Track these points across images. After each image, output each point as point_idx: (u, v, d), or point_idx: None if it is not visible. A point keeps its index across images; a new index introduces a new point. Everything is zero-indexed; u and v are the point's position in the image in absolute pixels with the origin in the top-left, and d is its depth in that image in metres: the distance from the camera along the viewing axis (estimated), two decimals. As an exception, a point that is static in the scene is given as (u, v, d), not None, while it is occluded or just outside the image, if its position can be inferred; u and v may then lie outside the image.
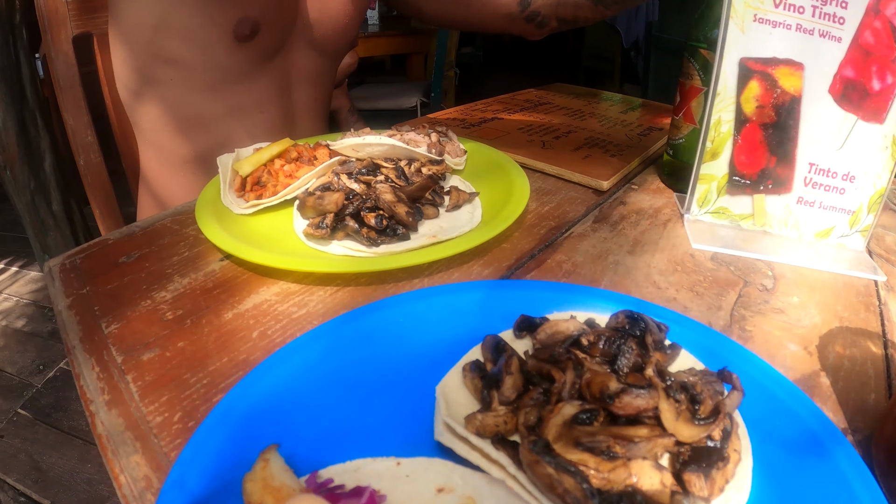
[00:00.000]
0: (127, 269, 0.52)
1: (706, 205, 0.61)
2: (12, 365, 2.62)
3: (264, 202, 0.57)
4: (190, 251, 0.54)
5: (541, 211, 0.61)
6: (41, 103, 2.48)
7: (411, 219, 0.50)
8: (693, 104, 0.66)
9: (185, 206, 0.63)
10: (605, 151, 0.78)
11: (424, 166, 0.58)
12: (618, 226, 0.60)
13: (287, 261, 0.46)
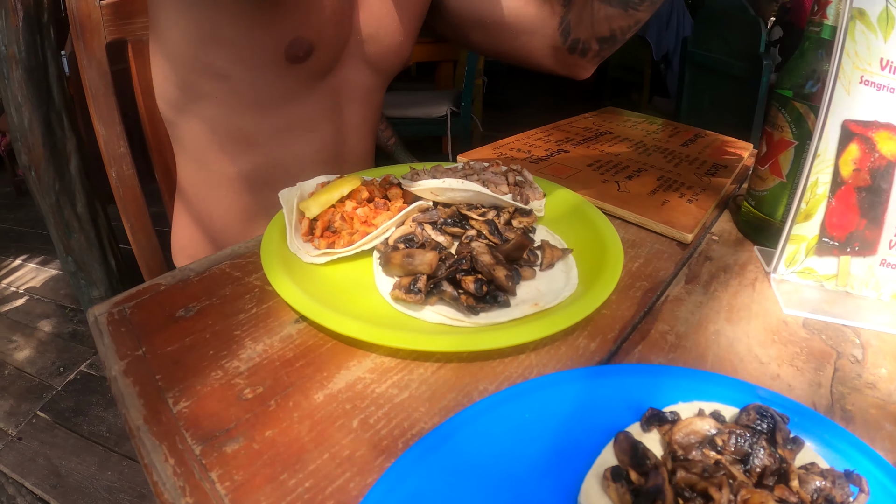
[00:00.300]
0: (187, 326, 0.47)
1: (793, 265, 0.58)
2: (32, 365, 2.62)
3: (339, 252, 0.53)
4: (258, 307, 0.49)
5: (631, 268, 0.58)
6: (67, 104, 2.47)
7: (511, 283, 0.46)
8: (781, 157, 0.62)
9: (244, 248, 0.59)
10: (680, 196, 0.74)
11: (514, 218, 0.54)
12: (709, 287, 0.56)
13: (381, 335, 0.42)
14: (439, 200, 0.57)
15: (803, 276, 0.58)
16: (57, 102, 2.40)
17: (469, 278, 0.45)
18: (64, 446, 2.12)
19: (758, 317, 0.52)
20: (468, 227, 0.53)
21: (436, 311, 0.46)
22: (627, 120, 1.15)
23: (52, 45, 2.37)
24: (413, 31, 0.91)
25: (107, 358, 0.45)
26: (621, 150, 0.93)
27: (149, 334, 0.47)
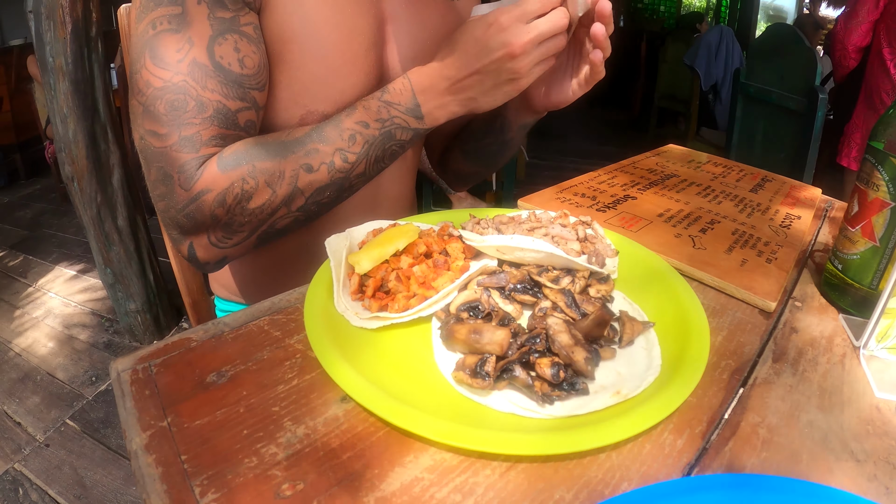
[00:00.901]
0: (219, 395, 0.43)
1: (884, 340, 0.53)
2: (64, 372, 2.63)
3: (393, 318, 0.48)
4: (300, 378, 0.45)
5: (714, 342, 0.52)
6: (113, 117, 2.51)
7: (591, 367, 0.41)
8: (874, 219, 0.57)
9: (285, 303, 0.55)
10: (758, 254, 0.69)
11: (591, 285, 0.49)
12: (798, 366, 0.51)
13: (442, 430, 0.37)
14: (506, 259, 0.52)
15: (893, 351, 0.53)
16: (102, 115, 2.43)
17: (545, 361, 0.40)
18: (91, 457, 2.12)
19: (850, 402, 0.47)
20: (541, 297, 0.48)
21: (505, 398, 0.40)
22: (692, 160, 1.10)
23: (99, 58, 2.41)
24: None
25: (128, 426, 0.41)
26: (690, 196, 0.87)
27: (176, 402, 0.42)
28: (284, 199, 0.69)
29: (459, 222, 0.62)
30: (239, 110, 0.70)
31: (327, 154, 0.70)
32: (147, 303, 2.70)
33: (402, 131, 0.74)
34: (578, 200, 0.83)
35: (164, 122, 0.66)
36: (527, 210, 0.64)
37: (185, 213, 0.68)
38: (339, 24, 0.79)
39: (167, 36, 0.67)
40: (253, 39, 0.72)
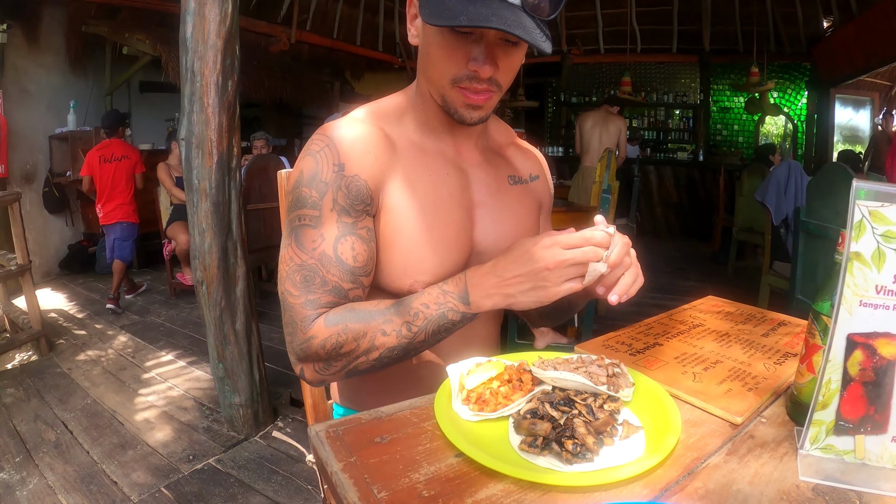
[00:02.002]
0: (383, 448, 0.74)
1: (817, 442, 0.75)
2: (164, 448, 2.90)
3: (487, 415, 0.79)
4: (430, 444, 0.76)
5: (687, 442, 0.79)
6: (243, 236, 2.90)
7: (597, 447, 0.71)
8: (814, 357, 0.82)
9: (420, 402, 0.87)
10: (743, 385, 0.95)
11: (607, 403, 0.79)
12: (744, 458, 0.76)
13: (512, 470, 0.68)
14: (557, 385, 0.83)
15: (826, 451, 0.75)
16: (234, 234, 2.85)
17: (569, 442, 0.70)
18: (180, 525, 2.37)
19: (776, 482, 0.72)
20: (573, 408, 0.77)
21: (546, 460, 0.71)
22: (721, 310, 1.36)
23: (236, 185, 2.84)
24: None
25: (328, 459, 0.72)
26: (706, 342, 1.15)
27: (357, 449, 0.74)
28: (365, 351, 0.94)
29: (531, 361, 0.91)
30: (350, 289, 0.99)
31: (398, 324, 0.93)
32: (250, 399, 2.95)
33: (453, 313, 0.93)
34: (618, 346, 1.12)
35: (298, 288, 0.97)
36: (577, 354, 0.95)
37: (300, 348, 0.97)
38: (437, 216, 1.07)
39: (307, 229, 0.99)
40: (365, 240, 1.01)
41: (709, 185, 8.91)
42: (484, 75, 0.96)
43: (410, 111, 1.12)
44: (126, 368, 3.91)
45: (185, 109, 2.71)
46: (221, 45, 2.66)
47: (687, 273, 6.58)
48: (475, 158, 1.17)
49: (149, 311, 5.29)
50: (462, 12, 0.86)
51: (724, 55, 9.45)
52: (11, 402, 3.45)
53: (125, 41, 6.64)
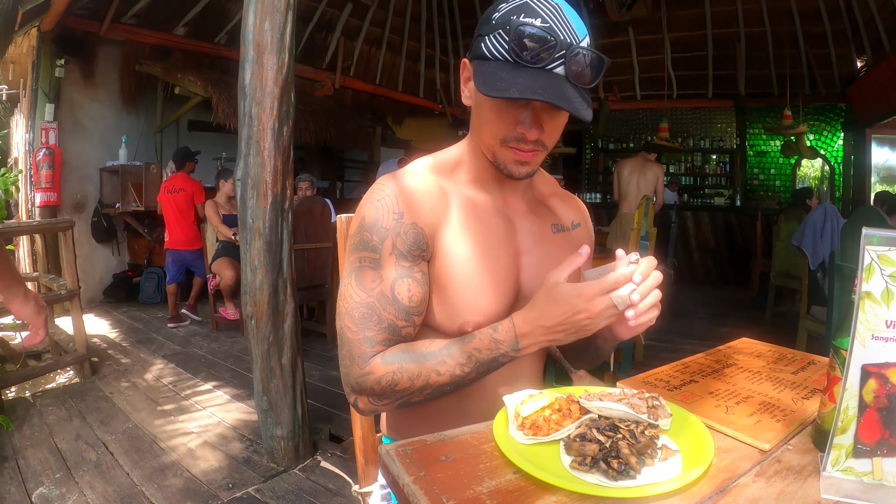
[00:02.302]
0: (448, 465, 0.84)
1: (837, 465, 0.83)
2: (205, 475, 2.98)
3: (541, 439, 0.89)
4: (490, 462, 0.85)
5: (720, 465, 0.88)
6: (293, 276, 3.02)
7: (639, 466, 0.80)
8: (835, 388, 0.90)
9: (480, 428, 0.97)
10: (772, 416, 1.04)
11: (647, 429, 0.88)
12: (771, 479, 0.85)
13: (564, 483, 0.77)
14: (602, 414, 0.92)
15: (846, 473, 0.82)
16: (284, 272, 2.99)
17: (615, 461, 0.80)
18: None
19: (801, 499, 0.79)
20: (618, 433, 0.86)
21: (594, 477, 0.80)
22: (753, 351, 1.45)
23: (288, 226, 2.99)
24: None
25: (400, 474, 0.82)
26: (738, 380, 1.23)
27: (424, 466, 0.83)
28: (419, 389, 1.05)
29: (578, 394, 1.01)
30: (403, 327, 1.09)
31: (451, 366, 1.04)
32: (292, 432, 3.02)
33: (503, 357, 1.04)
34: (656, 383, 1.22)
35: (357, 324, 1.07)
36: (620, 388, 1.04)
37: (356, 381, 1.07)
38: (486, 262, 1.16)
39: (367, 270, 1.09)
40: (420, 283, 1.11)
41: (746, 230, 8.90)
42: (531, 138, 1.07)
43: (463, 165, 1.24)
44: (167, 396, 4.05)
45: (242, 152, 2.87)
46: (278, 93, 2.82)
47: (724, 319, 6.56)
48: (521, 209, 1.27)
49: (190, 343, 5.46)
50: (512, 84, 0.98)
51: (759, 99, 9.54)
52: (54, 420, 3.59)
53: (177, 81, 6.98)
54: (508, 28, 1.01)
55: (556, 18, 1.02)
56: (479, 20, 1.11)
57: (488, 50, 1.05)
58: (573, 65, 1.02)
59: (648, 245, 3.84)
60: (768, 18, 8.92)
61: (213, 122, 6.92)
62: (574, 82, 1.03)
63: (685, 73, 9.94)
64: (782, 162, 9.71)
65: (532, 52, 1.00)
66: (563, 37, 1.01)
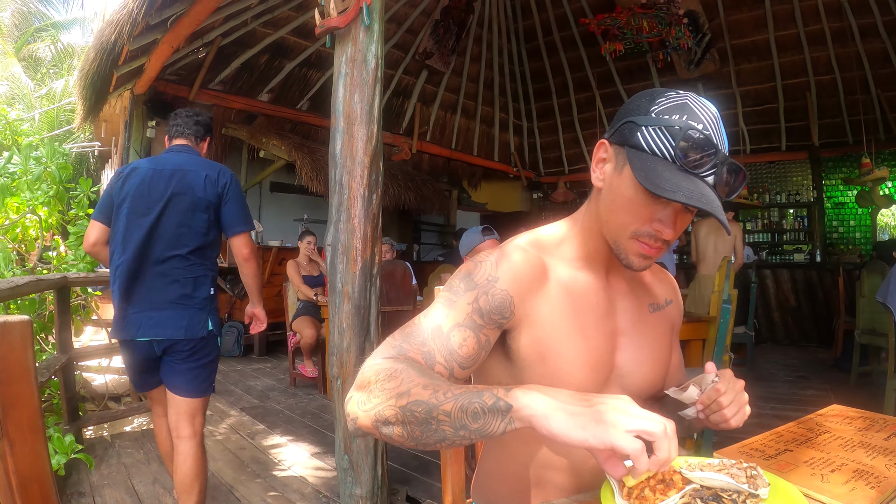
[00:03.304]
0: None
1: None
2: None
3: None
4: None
5: None
6: (380, 338, 3.10)
7: (741, 536, 0.85)
8: None
9: (584, 497, 1.05)
10: (866, 483, 1.06)
11: (748, 499, 0.93)
12: None
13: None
14: (704, 485, 0.96)
15: None
16: (371, 335, 3.09)
17: (721, 530, 0.85)
18: None
19: None
20: (721, 502, 0.91)
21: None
22: (845, 417, 1.47)
23: (376, 290, 3.09)
24: (664, 369, 1.35)
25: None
26: (832, 448, 1.26)
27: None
28: (398, 394, 0.93)
29: (677, 465, 1.04)
30: (438, 363, 1.07)
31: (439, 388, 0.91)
32: (371, 492, 3.05)
33: (488, 395, 0.87)
34: (752, 452, 1.25)
35: (400, 335, 1.10)
36: (719, 458, 1.09)
37: (364, 366, 1.04)
38: (583, 341, 1.20)
39: (440, 306, 1.13)
40: (480, 343, 1.12)
41: (827, 286, 8.65)
42: (666, 237, 1.11)
43: (569, 242, 1.28)
44: (245, 448, 4.14)
45: (333, 218, 3.02)
46: (367, 162, 2.98)
47: (808, 381, 6.36)
48: (622, 288, 1.32)
49: (268, 398, 5.59)
50: (678, 188, 1.01)
51: (833, 148, 9.34)
52: (131, 462, 3.73)
53: (261, 145, 7.38)
54: (674, 128, 1.04)
55: (714, 126, 1.07)
56: (629, 104, 1.14)
57: (646, 143, 1.07)
58: (722, 176, 1.07)
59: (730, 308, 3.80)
60: (837, 65, 8.80)
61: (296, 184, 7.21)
62: (716, 191, 1.07)
63: (757, 126, 9.83)
64: (861, 213, 9.39)
65: (696, 158, 1.04)
66: (719, 146, 1.06)
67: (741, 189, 1.12)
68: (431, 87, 10.14)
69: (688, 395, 1.19)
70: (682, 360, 1.50)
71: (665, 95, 1.10)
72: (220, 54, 7.30)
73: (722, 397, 1.14)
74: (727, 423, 1.14)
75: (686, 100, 1.09)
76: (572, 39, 10.49)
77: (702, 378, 1.20)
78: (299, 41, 8.00)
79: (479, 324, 1.12)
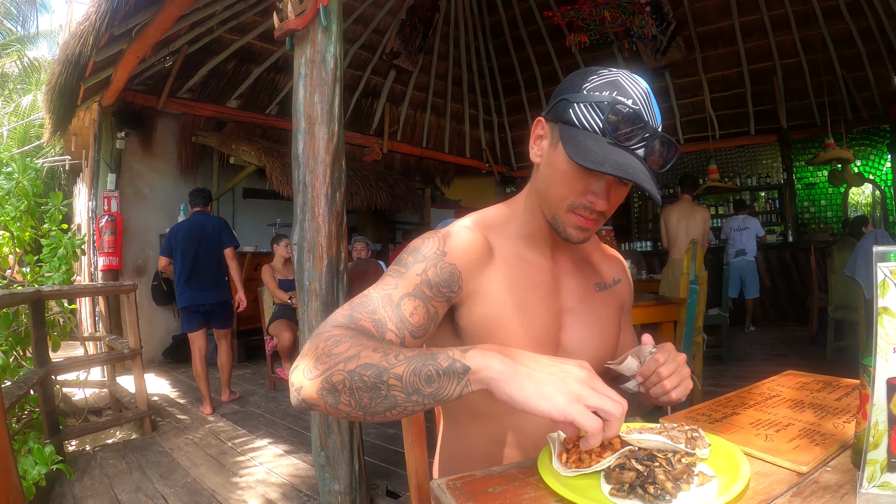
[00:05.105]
0: (496, 496, 0.90)
1: (873, 481, 0.85)
2: None
3: (583, 470, 0.94)
4: (535, 493, 0.91)
5: (756, 488, 0.91)
6: None
7: (675, 491, 0.86)
8: (867, 406, 0.91)
9: (526, 463, 1.03)
10: (811, 441, 1.07)
11: (684, 457, 0.93)
12: (808, 499, 0.88)
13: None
14: (641, 446, 0.96)
15: (883, 488, 0.85)
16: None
17: (651, 487, 0.86)
18: None
19: None
20: (655, 461, 0.91)
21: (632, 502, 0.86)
22: (798, 382, 1.48)
23: (344, 287, 3.07)
24: (612, 347, 1.37)
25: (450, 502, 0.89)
26: (780, 409, 1.27)
27: (473, 496, 0.90)
28: (347, 358, 0.89)
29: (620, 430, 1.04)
30: (389, 331, 1.05)
31: (391, 350, 0.89)
32: (349, 487, 3.06)
33: (443, 357, 0.86)
34: (698, 417, 1.25)
35: (350, 306, 1.07)
36: (661, 423, 1.09)
37: (312, 335, 1.00)
38: (528, 319, 1.22)
39: (389, 277, 1.13)
40: (430, 314, 1.11)
41: (801, 265, 8.76)
42: (600, 208, 1.14)
43: (514, 222, 1.31)
44: (226, 453, 4.12)
45: (298, 217, 3.03)
46: (329, 161, 2.99)
47: (785, 359, 6.40)
48: (567, 267, 1.34)
49: (249, 403, 5.56)
50: (605, 160, 1.04)
51: (802, 130, 9.49)
52: (114, 473, 3.70)
53: (231, 151, 7.37)
54: (604, 103, 1.08)
55: (644, 101, 1.10)
56: (564, 82, 1.17)
57: (577, 118, 1.10)
58: (653, 149, 1.10)
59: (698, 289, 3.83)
60: (802, 48, 8.95)
61: (267, 189, 7.18)
62: (647, 164, 1.10)
63: (726, 112, 9.95)
64: (832, 192, 9.58)
65: (626, 131, 1.07)
66: (649, 121, 1.09)
67: (674, 161, 1.14)
68: (400, 86, 10.16)
69: (627, 367, 1.19)
70: (634, 338, 1.50)
71: (597, 73, 1.13)
72: (187, 62, 7.28)
73: (661, 368, 1.15)
74: (668, 395, 1.15)
75: (617, 77, 1.11)
76: (539, 33, 10.55)
77: (639, 349, 1.20)
78: (266, 46, 7.99)
79: (429, 295, 1.12)
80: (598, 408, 0.82)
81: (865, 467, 0.87)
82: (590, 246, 1.42)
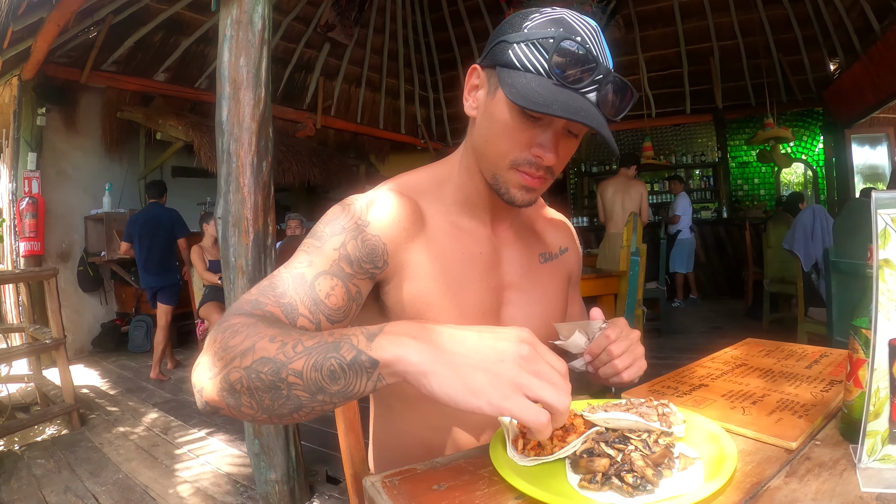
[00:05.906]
0: (441, 494, 0.75)
1: (874, 454, 0.76)
2: None
3: (544, 459, 0.80)
4: (489, 488, 0.77)
5: (745, 469, 0.80)
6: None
7: (656, 479, 0.72)
8: (860, 372, 0.83)
9: (474, 452, 0.89)
10: (793, 413, 0.97)
11: (661, 437, 0.80)
12: (804, 478, 0.77)
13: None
14: (609, 427, 0.83)
15: (884, 461, 0.76)
16: (270, 309, 2.88)
17: (629, 475, 0.71)
18: None
19: (840, 496, 0.72)
20: (629, 444, 0.78)
21: (607, 495, 0.71)
22: (762, 350, 1.39)
23: (272, 262, 2.90)
24: (558, 319, 1.22)
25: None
26: (751, 380, 1.16)
27: (415, 497, 0.75)
28: (242, 351, 0.75)
29: (580, 408, 0.91)
30: (302, 315, 0.90)
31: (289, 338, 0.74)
32: (287, 475, 2.94)
33: (348, 347, 0.71)
34: (664, 390, 1.14)
35: (260, 289, 0.92)
36: (626, 399, 0.96)
37: (213, 328, 0.85)
38: (465, 296, 1.07)
39: (302, 254, 0.97)
40: (350, 295, 0.96)
41: (736, 241, 8.96)
42: (548, 163, 0.97)
43: (449, 185, 1.14)
44: (159, 445, 3.95)
45: (222, 189, 2.82)
46: (256, 128, 2.79)
47: (723, 331, 6.51)
48: (509, 237, 1.18)
49: (181, 390, 5.34)
50: (553, 101, 0.88)
51: (737, 110, 9.68)
52: (42, 473, 3.49)
53: (158, 127, 7.01)
54: (548, 40, 0.91)
55: (594, 39, 0.94)
56: (501, 25, 1.00)
57: (518, 59, 0.93)
58: (607, 93, 0.94)
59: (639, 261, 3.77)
60: (740, 31, 9.05)
61: (196, 166, 6.89)
62: (602, 111, 0.94)
63: (662, 91, 10.06)
64: (765, 171, 9.81)
65: (575, 72, 0.91)
66: (601, 60, 0.93)
67: (629, 108, 0.97)
68: (335, 60, 9.78)
69: (574, 343, 1.06)
70: (583, 311, 1.37)
71: (540, 11, 0.96)
72: (112, 33, 6.75)
73: (613, 346, 1.02)
74: (619, 376, 1.03)
75: (563, 14, 0.94)
76: (478, 9, 10.36)
77: (587, 324, 1.07)
78: (195, 16, 7.50)
79: (349, 272, 0.97)
80: (539, 398, 0.68)
81: (865, 439, 0.77)
82: (534, 211, 1.28)
